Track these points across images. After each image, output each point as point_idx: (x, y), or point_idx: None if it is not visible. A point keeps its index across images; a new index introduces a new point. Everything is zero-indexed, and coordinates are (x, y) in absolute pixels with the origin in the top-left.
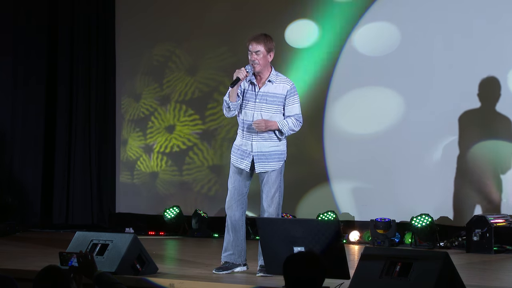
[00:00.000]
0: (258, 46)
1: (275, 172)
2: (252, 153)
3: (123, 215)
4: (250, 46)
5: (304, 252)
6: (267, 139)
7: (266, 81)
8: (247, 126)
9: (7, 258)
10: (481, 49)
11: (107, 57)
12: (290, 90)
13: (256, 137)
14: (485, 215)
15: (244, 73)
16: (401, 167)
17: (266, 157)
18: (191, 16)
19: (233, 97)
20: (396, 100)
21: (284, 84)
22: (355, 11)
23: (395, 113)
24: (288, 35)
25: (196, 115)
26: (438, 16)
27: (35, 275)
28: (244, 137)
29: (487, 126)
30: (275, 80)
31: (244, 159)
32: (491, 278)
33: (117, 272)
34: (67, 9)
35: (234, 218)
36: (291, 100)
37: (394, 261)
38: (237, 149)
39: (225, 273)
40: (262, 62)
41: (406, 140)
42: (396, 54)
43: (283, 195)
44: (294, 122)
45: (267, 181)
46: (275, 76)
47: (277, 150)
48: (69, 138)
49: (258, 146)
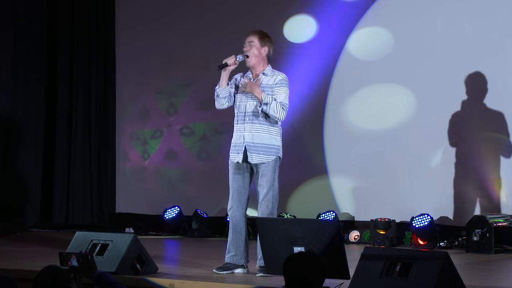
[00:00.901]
0: (252, 37)
1: (269, 170)
2: (244, 143)
3: (123, 215)
4: (246, 38)
5: (304, 253)
6: (259, 131)
7: (260, 74)
8: (240, 118)
9: (7, 258)
10: (481, 50)
11: (107, 56)
12: (281, 80)
13: (249, 128)
14: (485, 215)
15: (233, 60)
16: (401, 167)
17: (257, 148)
18: (191, 14)
19: (221, 83)
20: (396, 100)
21: (276, 76)
22: (356, 8)
23: (395, 113)
24: (286, 30)
25: (196, 115)
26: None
27: (35, 275)
28: (238, 130)
29: (487, 126)
30: (269, 73)
31: (237, 153)
32: (491, 278)
33: (117, 272)
34: (67, 8)
35: (236, 219)
36: (280, 89)
37: (394, 261)
38: (233, 145)
39: (226, 273)
40: (254, 54)
41: (406, 140)
42: (396, 53)
43: (278, 194)
44: (279, 106)
45: (261, 178)
46: (270, 70)
47: (268, 144)
48: (69, 138)
49: (250, 137)
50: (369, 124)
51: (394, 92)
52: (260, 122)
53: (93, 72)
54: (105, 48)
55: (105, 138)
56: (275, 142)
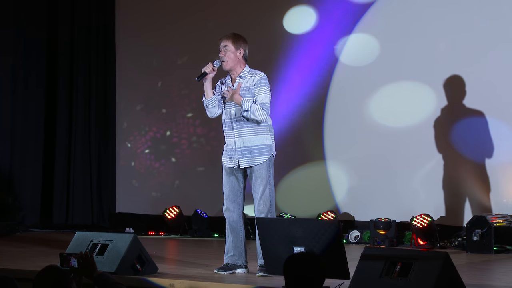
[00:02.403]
0: (226, 42)
1: (263, 169)
2: (236, 150)
3: (123, 215)
4: (220, 43)
5: (304, 253)
6: (249, 134)
7: (237, 77)
8: (227, 124)
9: (7, 258)
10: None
11: (107, 57)
12: (259, 80)
13: (238, 133)
14: (485, 215)
15: (211, 67)
16: (401, 167)
17: (250, 152)
18: (191, 13)
19: (206, 94)
20: (396, 101)
21: (254, 77)
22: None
23: (395, 114)
24: (286, 21)
25: (195, 116)
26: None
27: (35, 275)
28: (228, 136)
29: (488, 127)
30: (246, 75)
31: (232, 158)
32: (491, 278)
33: (117, 272)
34: (67, 9)
35: (232, 219)
36: (259, 89)
37: (394, 261)
38: (225, 150)
39: (227, 273)
40: (230, 58)
41: (406, 140)
42: (397, 52)
43: (274, 192)
44: (258, 108)
45: (255, 179)
46: (247, 72)
47: (260, 144)
48: (69, 138)
49: (241, 142)
50: (369, 125)
51: (394, 92)
52: (247, 125)
53: (93, 72)
54: (105, 49)
55: (105, 138)
56: (266, 141)
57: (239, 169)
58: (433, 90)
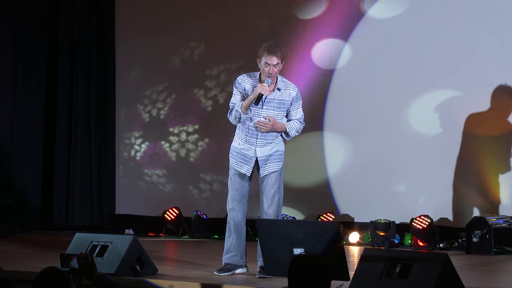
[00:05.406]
0: (276, 59)
1: (275, 174)
2: (256, 157)
3: (122, 216)
4: (268, 59)
5: (310, 255)
6: (271, 143)
7: (274, 88)
8: (252, 132)
9: (7, 259)
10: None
11: (107, 57)
12: (295, 97)
13: (261, 143)
14: (484, 216)
15: (267, 90)
16: (400, 169)
17: (268, 159)
18: (191, 10)
19: (245, 108)
20: (397, 101)
21: (290, 91)
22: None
23: (395, 114)
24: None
25: (195, 116)
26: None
27: (35, 276)
28: (247, 142)
29: (487, 127)
30: (282, 87)
31: (246, 164)
32: (491, 280)
33: (117, 273)
34: (67, 9)
35: (237, 220)
36: (296, 105)
37: (394, 263)
38: (236, 152)
39: (227, 274)
40: (275, 73)
41: (406, 141)
42: (398, 51)
43: (283, 196)
44: (299, 125)
45: (267, 183)
46: (282, 82)
47: (277, 151)
48: (69, 140)
49: (262, 151)
50: (369, 125)
51: (394, 92)
52: (272, 135)
53: (93, 72)
54: (105, 49)
55: (105, 139)
56: (281, 148)
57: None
58: (433, 90)
